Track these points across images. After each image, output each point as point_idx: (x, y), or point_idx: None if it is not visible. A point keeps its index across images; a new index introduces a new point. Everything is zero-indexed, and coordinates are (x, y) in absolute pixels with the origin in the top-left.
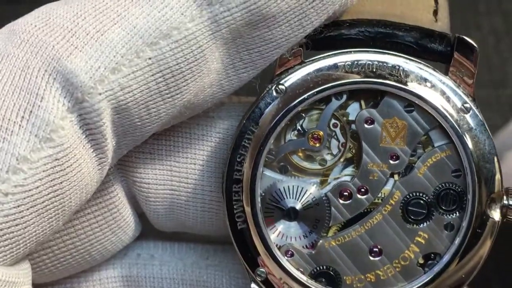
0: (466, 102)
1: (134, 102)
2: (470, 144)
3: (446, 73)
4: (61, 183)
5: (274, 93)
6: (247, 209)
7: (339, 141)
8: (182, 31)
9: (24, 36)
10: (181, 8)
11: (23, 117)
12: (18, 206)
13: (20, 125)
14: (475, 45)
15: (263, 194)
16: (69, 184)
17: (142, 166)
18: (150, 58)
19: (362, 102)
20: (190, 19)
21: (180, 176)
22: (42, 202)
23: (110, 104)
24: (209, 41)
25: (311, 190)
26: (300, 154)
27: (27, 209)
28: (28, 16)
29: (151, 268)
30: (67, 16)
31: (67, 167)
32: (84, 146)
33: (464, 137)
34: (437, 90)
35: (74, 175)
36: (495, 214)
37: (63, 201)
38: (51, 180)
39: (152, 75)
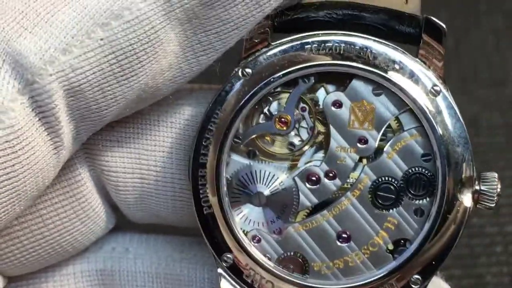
0: (435, 85)
1: (88, 84)
2: (439, 127)
3: (416, 55)
4: (13, 165)
5: (240, 76)
6: (212, 194)
7: (308, 125)
8: (134, 11)
9: None
10: None
11: None
12: None
13: None
14: (443, 25)
15: (230, 178)
16: (22, 167)
17: (110, 154)
18: (101, 39)
19: (330, 85)
20: None
21: (148, 164)
22: None
23: (62, 86)
24: (163, 21)
25: (279, 175)
26: (268, 138)
27: None
28: None
29: (126, 262)
30: None
31: (19, 149)
32: (37, 129)
33: (434, 120)
34: (406, 72)
35: (27, 157)
36: (466, 200)
37: (17, 185)
38: (2, 163)
39: (105, 56)
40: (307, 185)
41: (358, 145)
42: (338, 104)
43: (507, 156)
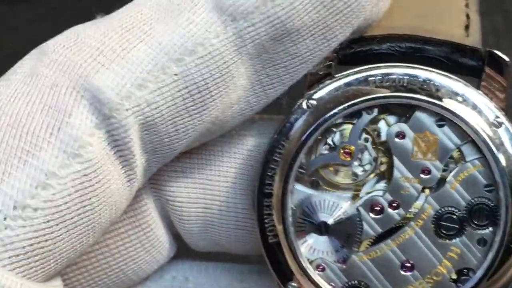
0: (498, 117)
1: (161, 118)
2: (502, 158)
3: (477, 87)
4: (90, 198)
5: (305, 108)
6: (278, 223)
7: (370, 156)
8: (207, 47)
9: (53, 56)
10: (206, 25)
11: (51, 133)
12: (48, 221)
13: (48, 141)
14: (506, 59)
15: (294, 208)
16: (98, 199)
17: (175, 184)
18: (176, 74)
19: (393, 117)
20: (214, 35)
21: (212, 194)
22: (72, 218)
23: (137, 120)
24: (234, 56)
25: (343, 204)
26: (332, 168)
27: (57, 224)
28: (59, 36)
29: None
30: (95, 35)
31: (96, 182)
32: (112, 162)
33: (496, 151)
34: (469, 104)
35: (103, 190)
36: None
37: (93, 217)
38: (80, 196)
39: (179, 91)
40: (371, 214)
41: (421, 175)
42: (401, 135)
43: None
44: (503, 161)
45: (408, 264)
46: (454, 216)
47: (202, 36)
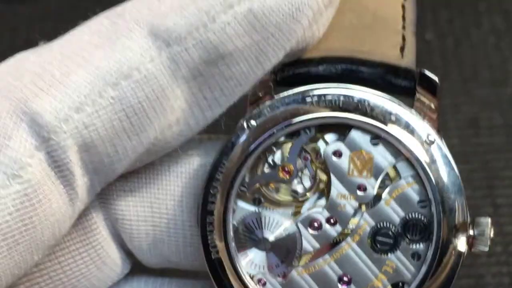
0: (430, 135)
1: (100, 139)
2: (434, 175)
3: (411, 106)
4: (31, 217)
5: (245, 128)
6: (220, 239)
7: (310, 174)
8: (142, 71)
9: None
10: (141, 50)
11: None
12: None
13: None
14: (436, 80)
15: (236, 225)
16: (39, 218)
17: (124, 203)
18: (112, 98)
19: (330, 135)
20: (149, 59)
21: (160, 212)
22: (13, 236)
23: (75, 142)
24: (169, 80)
25: (283, 221)
26: (273, 186)
27: None
28: (3, 64)
29: None
30: (36, 61)
31: (36, 202)
32: (53, 182)
33: (429, 169)
34: (402, 123)
35: (44, 210)
36: (461, 244)
37: (35, 235)
38: (21, 215)
39: (115, 113)
40: (310, 230)
41: (358, 192)
42: (338, 153)
43: (507, 156)
44: (434, 178)
45: (345, 278)
46: (389, 232)
47: (138, 60)
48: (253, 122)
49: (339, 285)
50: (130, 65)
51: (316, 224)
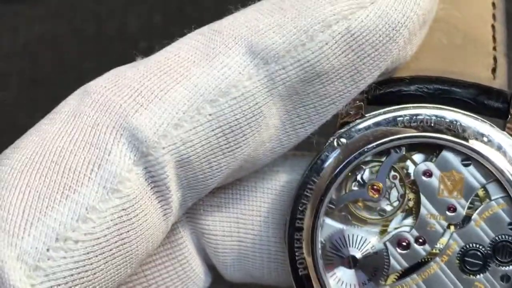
0: None
1: (196, 156)
2: None
3: (503, 128)
4: (127, 231)
5: (336, 146)
6: (308, 256)
7: (398, 193)
8: (240, 89)
9: (95, 97)
10: (239, 68)
11: (92, 170)
12: (88, 253)
13: (89, 177)
14: None
15: (323, 242)
16: (136, 233)
17: (211, 218)
18: (210, 115)
19: (421, 155)
20: (247, 77)
21: (246, 228)
22: (110, 250)
23: (173, 158)
24: (266, 97)
25: (371, 239)
26: (360, 204)
27: (96, 256)
28: (100, 78)
29: None
30: (134, 77)
31: (134, 216)
32: (149, 197)
33: None
34: (494, 145)
35: (140, 224)
36: None
37: (130, 249)
38: (119, 229)
39: (213, 130)
40: (398, 249)
41: (447, 212)
42: (428, 173)
43: None
44: None
45: None
46: (479, 253)
47: (236, 78)
48: (343, 140)
49: None
50: (228, 83)
51: (404, 243)
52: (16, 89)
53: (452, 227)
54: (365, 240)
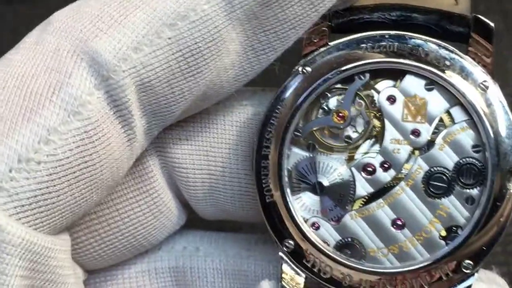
0: (484, 80)
1: (157, 79)
2: (488, 120)
3: (465, 52)
4: (90, 154)
5: (300, 74)
6: (274, 183)
7: (364, 120)
8: (198, 12)
9: (56, 24)
10: None
11: (53, 92)
12: (50, 175)
13: (50, 100)
14: (491, 24)
15: (290, 169)
16: (99, 156)
17: (180, 151)
18: (169, 38)
19: (383, 83)
20: (205, 1)
21: (216, 160)
22: (74, 173)
23: (134, 81)
24: (225, 21)
25: (338, 166)
26: (326, 131)
27: (59, 178)
28: (63, 8)
29: (196, 260)
30: (95, 5)
31: (96, 139)
32: (112, 122)
33: (483, 113)
34: (456, 68)
35: (104, 148)
36: None
37: (95, 173)
38: (81, 151)
39: (173, 53)
40: (363, 175)
41: (412, 137)
42: (392, 99)
43: None
44: (489, 123)
45: (399, 222)
46: (443, 176)
47: (194, 2)
48: (308, 68)
49: (392, 229)
50: (187, 6)
51: (369, 169)
52: None
53: (416, 152)
54: (331, 167)
